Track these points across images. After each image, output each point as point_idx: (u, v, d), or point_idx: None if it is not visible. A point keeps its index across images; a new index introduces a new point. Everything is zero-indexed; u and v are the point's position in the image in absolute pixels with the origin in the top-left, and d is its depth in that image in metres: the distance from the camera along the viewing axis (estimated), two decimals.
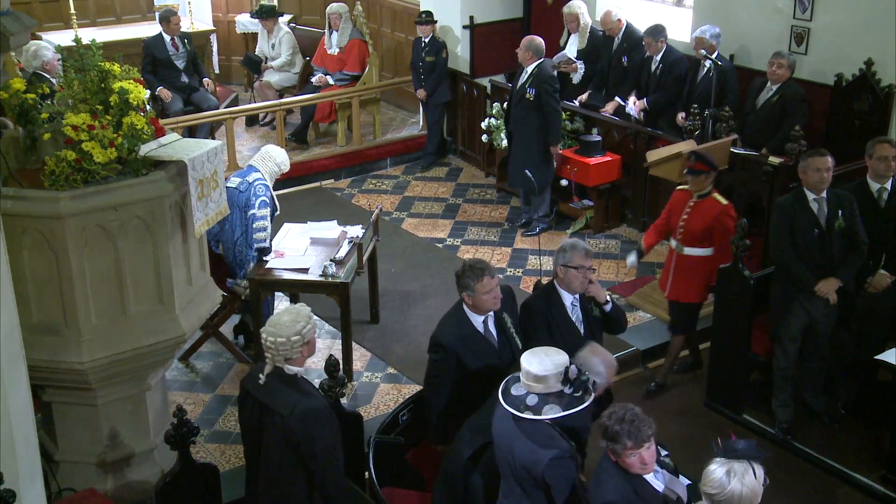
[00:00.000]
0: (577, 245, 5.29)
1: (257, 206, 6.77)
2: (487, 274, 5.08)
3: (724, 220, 6.58)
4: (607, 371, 4.60)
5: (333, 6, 11.28)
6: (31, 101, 5.12)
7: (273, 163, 6.95)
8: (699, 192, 6.64)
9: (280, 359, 4.38)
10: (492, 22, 10.88)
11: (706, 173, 6.61)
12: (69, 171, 4.70)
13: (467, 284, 5.09)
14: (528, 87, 8.60)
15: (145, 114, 5.01)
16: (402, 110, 12.35)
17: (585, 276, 5.27)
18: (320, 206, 9.74)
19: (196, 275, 5.37)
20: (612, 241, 9.05)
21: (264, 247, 6.86)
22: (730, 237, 6.40)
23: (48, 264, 4.81)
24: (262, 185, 6.80)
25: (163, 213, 4.94)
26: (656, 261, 8.57)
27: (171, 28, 10.57)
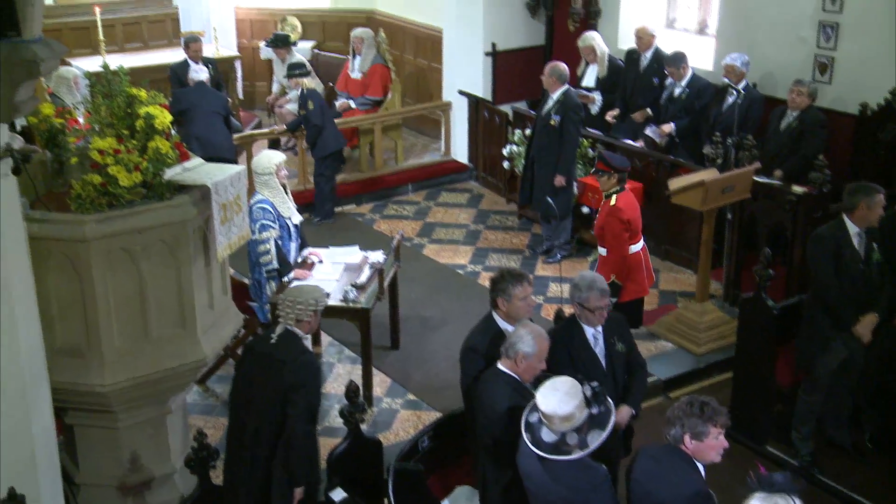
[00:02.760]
0: (595, 285, 5.21)
1: (257, 230, 6.78)
2: (527, 281, 5.10)
3: (609, 220, 6.76)
4: (537, 342, 4.71)
5: (357, 31, 11.37)
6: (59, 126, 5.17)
7: (257, 175, 6.89)
8: (605, 192, 6.85)
9: (291, 320, 5.02)
10: (514, 49, 10.92)
11: (608, 174, 6.78)
12: (95, 194, 4.73)
13: (505, 289, 5.07)
14: (554, 114, 8.60)
15: (170, 138, 5.04)
16: (424, 136, 12.39)
17: (602, 316, 5.25)
18: (342, 231, 9.75)
19: (218, 299, 5.37)
20: None
21: (273, 268, 6.86)
22: (614, 236, 6.63)
23: (72, 287, 4.83)
24: (258, 209, 6.81)
25: (186, 237, 4.95)
26: (679, 289, 8.51)
27: (192, 53, 10.66)
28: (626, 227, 6.80)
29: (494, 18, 10.76)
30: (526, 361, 4.74)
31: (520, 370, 4.77)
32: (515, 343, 4.75)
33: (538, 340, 4.75)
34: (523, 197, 9.26)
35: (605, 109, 9.62)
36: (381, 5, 13.07)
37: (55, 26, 11.90)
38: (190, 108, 9.53)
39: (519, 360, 4.74)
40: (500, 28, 10.82)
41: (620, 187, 6.87)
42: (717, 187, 7.23)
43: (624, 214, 6.77)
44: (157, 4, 13.19)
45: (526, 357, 4.73)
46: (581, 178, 9.04)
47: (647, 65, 9.43)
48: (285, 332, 5.06)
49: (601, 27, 10.32)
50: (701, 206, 7.26)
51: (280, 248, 6.88)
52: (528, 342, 4.72)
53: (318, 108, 9.73)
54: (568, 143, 8.63)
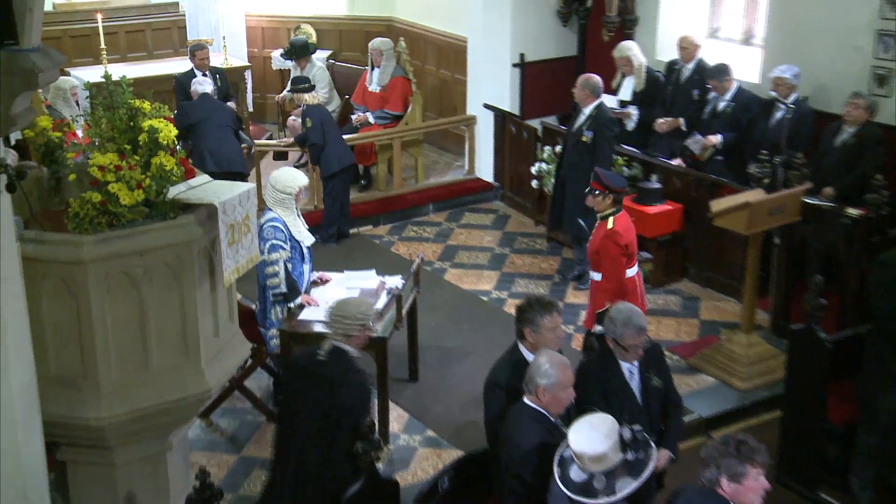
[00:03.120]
0: (631, 321, 5.20)
1: (266, 251, 6.81)
2: (556, 310, 5.11)
3: (606, 244, 6.77)
4: (557, 371, 4.69)
5: (375, 42, 11.42)
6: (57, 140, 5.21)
7: (275, 191, 6.94)
8: (600, 214, 6.90)
9: (340, 336, 5.25)
10: (544, 60, 10.94)
11: (602, 193, 6.81)
12: (94, 213, 4.75)
13: (532, 319, 5.07)
14: (586, 130, 8.60)
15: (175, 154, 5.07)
16: (447, 153, 12.42)
17: (637, 354, 5.23)
18: (357, 254, 9.76)
19: (224, 326, 5.37)
20: (672, 297, 8.95)
21: (280, 292, 6.88)
22: (610, 261, 6.69)
23: (68, 312, 4.84)
24: (269, 228, 6.84)
25: (191, 260, 4.96)
26: (721, 319, 8.46)
27: (199, 62, 10.75)
28: (623, 251, 6.81)
29: (523, 27, 10.79)
30: (549, 394, 4.73)
31: (545, 403, 4.76)
32: (534, 376, 4.75)
33: (558, 369, 4.74)
34: (553, 218, 9.25)
35: (641, 125, 9.60)
36: (401, 12, 13.15)
37: (54, 33, 12.07)
38: (199, 122, 9.61)
39: (541, 394, 4.74)
40: (529, 37, 10.84)
41: (617, 208, 6.89)
42: (763, 209, 7.19)
43: (621, 239, 6.79)
44: (163, 11, 13.33)
45: (547, 389, 4.72)
46: None
47: (688, 76, 9.41)
48: (335, 350, 5.24)
49: (638, 36, 10.32)
50: (746, 230, 7.22)
51: (289, 271, 6.90)
52: (548, 373, 4.71)
53: (318, 126, 9.78)
54: (601, 160, 8.61)
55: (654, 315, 8.44)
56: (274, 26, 13.74)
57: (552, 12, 10.88)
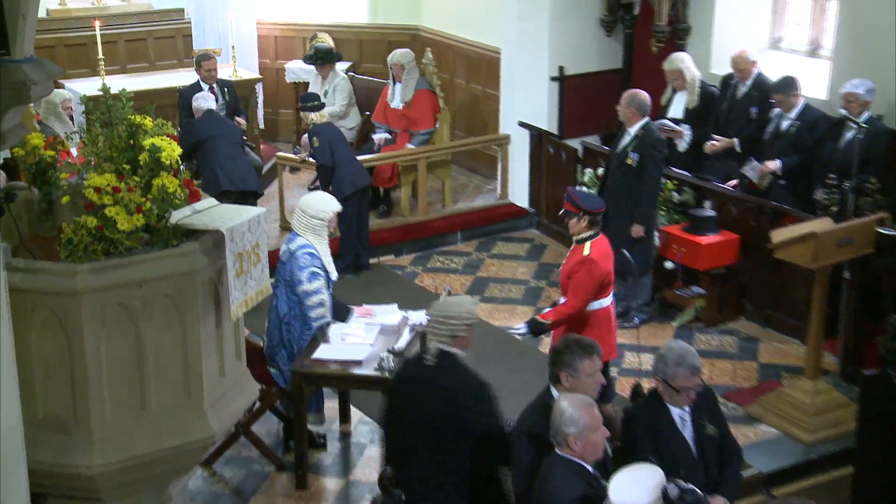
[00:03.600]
0: (684, 360, 5.19)
1: (305, 279, 6.84)
2: (597, 353, 5.10)
3: (579, 271, 6.78)
4: (583, 413, 4.67)
5: (396, 54, 11.44)
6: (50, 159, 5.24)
7: (306, 217, 6.99)
8: (575, 237, 6.96)
9: (446, 338, 5.42)
10: (585, 74, 10.95)
11: (577, 215, 6.86)
12: (89, 239, 4.77)
13: (570, 363, 5.06)
14: (631, 152, 8.58)
15: (178, 175, 5.09)
16: (477, 175, 12.43)
17: (689, 397, 5.19)
18: (378, 286, 9.76)
19: (230, 365, 5.37)
20: (728, 337, 8.89)
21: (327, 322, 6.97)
22: (578, 290, 6.72)
23: (59, 348, 4.86)
24: (306, 255, 6.87)
25: (194, 292, 4.97)
26: (783, 363, 8.39)
27: (205, 73, 10.84)
28: (597, 282, 6.82)
29: (562, 37, 10.82)
30: (581, 441, 4.73)
31: (579, 452, 4.75)
32: (560, 426, 4.76)
33: (583, 411, 4.73)
34: None
35: (693, 146, 9.56)
36: (427, 20, 13.22)
37: (47, 42, 12.19)
38: (208, 139, 9.70)
39: (573, 443, 4.74)
40: (569, 48, 10.86)
41: (594, 232, 6.93)
42: (831, 240, 7.15)
43: (598, 269, 6.81)
44: (166, 18, 13.45)
45: (578, 437, 4.73)
46: (664, 227, 8.98)
47: (745, 92, 9.39)
48: (442, 354, 5.44)
49: (691, 47, 10.31)
50: (811, 263, 7.17)
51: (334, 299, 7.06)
52: (573, 418, 4.71)
53: (325, 146, 9.83)
54: (648, 185, 8.59)
55: (708, 357, 8.38)
56: (288, 35, 13.85)
57: (595, 21, 10.89)
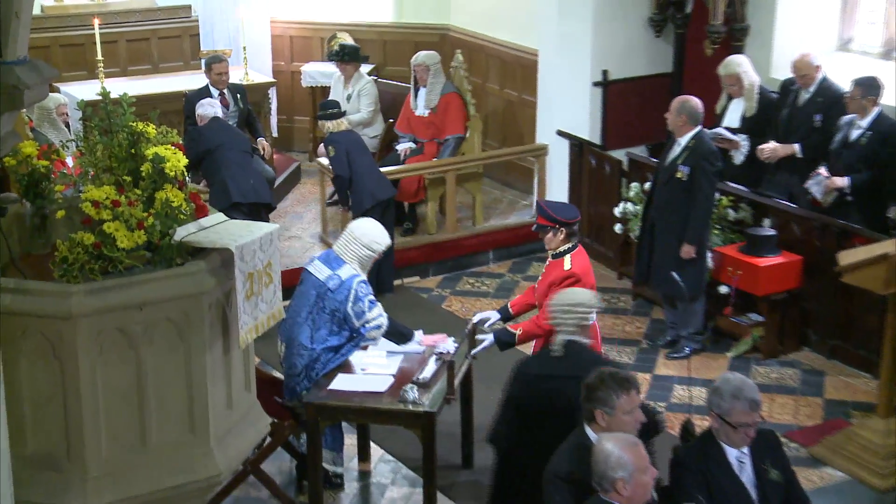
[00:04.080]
0: (742, 393, 5.16)
1: (367, 308, 6.98)
2: (635, 388, 5.09)
3: (557, 290, 6.70)
4: (629, 454, 4.65)
5: (420, 56, 11.43)
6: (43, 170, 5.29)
7: (358, 245, 7.03)
8: (552, 251, 7.07)
9: (572, 327, 5.86)
10: (631, 78, 10.93)
11: (552, 228, 6.95)
12: (85, 258, 4.81)
13: (606, 399, 5.05)
14: (681, 165, 8.56)
15: (184, 188, 5.12)
16: (511, 189, 12.42)
17: (748, 435, 5.16)
18: (401, 310, 9.73)
19: (238, 396, 5.39)
20: (789, 370, 8.83)
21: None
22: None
23: (51, 377, 4.89)
24: (363, 285, 6.96)
25: (200, 316, 5.00)
26: (851, 399, 8.32)
27: (215, 78, 10.89)
28: None
29: (607, 38, 10.82)
30: (630, 485, 4.70)
31: (627, 497, 4.73)
32: (606, 471, 4.73)
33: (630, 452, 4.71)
34: (640, 271, 9.19)
35: (751, 158, 9.52)
36: (458, 20, 13.24)
37: (41, 42, 12.26)
38: (216, 148, 9.73)
39: (621, 489, 4.71)
40: (613, 50, 10.86)
41: (573, 244, 7.00)
42: None
43: (579, 283, 6.81)
44: (172, 16, 13.46)
45: (628, 481, 4.69)
46: (718, 248, 8.94)
47: (808, 98, 9.34)
48: (570, 344, 5.84)
49: (749, 50, 10.28)
50: (884, 289, 7.11)
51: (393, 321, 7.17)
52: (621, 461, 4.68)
53: (342, 155, 9.86)
54: (700, 201, 8.56)
55: (767, 392, 8.32)
56: (304, 35, 13.90)
57: (642, 20, 10.89)
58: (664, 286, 8.85)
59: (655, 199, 8.90)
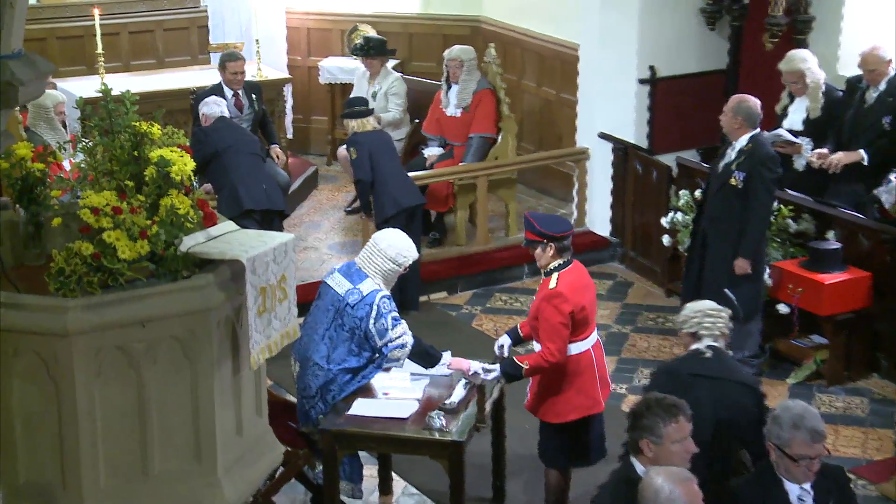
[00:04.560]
0: (803, 421, 5.14)
1: (390, 326, 6.95)
2: (684, 414, 5.08)
3: (545, 308, 6.85)
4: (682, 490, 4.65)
5: (454, 50, 11.43)
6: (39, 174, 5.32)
7: (383, 258, 7.03)
8: (543, 269, 7.05)
9: (717, 336, 6.14)
10: (682, 75, 10.92)
11: (541, 244, 6.95)
12: (83, 270, 4.84)
13: (653, 427, 5.03)
14: (736, 170, 8.54)
15: (191, 194, 5.15)
16: (548, 197, 12.43)
17: (810, 470, 5.13)
18: (427, 329, 9.73)
19: (249, 422, 5.41)
20: (857, 398, 8.79)
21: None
22: (550, 333, 6.78)
23: (45, 400, 4.92)
24: (386, 300, 6.96)
25: (208, 334, 5.02)
26: None
27: (229, 77, 10.90)
28: (566, 320, 6.84)
29: (655, 31, 10.81)
30: None
31: None
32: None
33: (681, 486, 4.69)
34: (689, 287, 9.15)
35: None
36: (490, 11, 13.28)
37: (37, 34, 12.32)
38: (225, 150, 9.77)
39: None
40: (661, 45, 10.85)
41: (565, 260, 6.98)
42: None
43: (565, 304, 6.82)
44: (178, 6, 13.52)
45: None
46: (776, 263, 8.92)
47: (876, 97, 9.30)
48: (719, 350, 6.12)
49: (813, 44, 10.24)
50: None
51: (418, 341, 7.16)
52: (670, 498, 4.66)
53: (364, 158, 9.88)
54: (757, 210, 8.53)
55: (832, 423, 8.28)
56: (323, 27, 13.94)
57: (694, 11, 10.87)
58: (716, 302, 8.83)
59: (707, 208, 8.87)
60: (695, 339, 6.19)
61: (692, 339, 6.20)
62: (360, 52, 12.04)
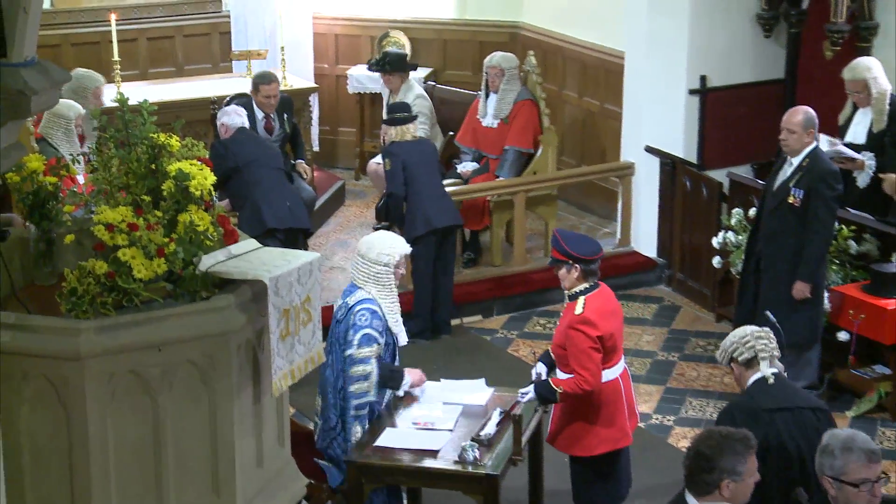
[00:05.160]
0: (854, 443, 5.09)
1: (356, 343, 6.87)
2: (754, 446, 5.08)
3: (571, 334, 6.90)
4: None
5: (495, 57, 11.43)
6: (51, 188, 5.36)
7: (366, 262, 6.97)
8: (568, 291, 7.11)
9: (773, 358, 6.21)
10: (735, 86, 10.90)
11: (566, 264, 6.97)
12: (97, 290, 4.86)
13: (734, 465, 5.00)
14: (794, 187, 8.52)
15: (211, 209, 5.17)
16: (590, 215, 12.42)
17: (874, 496, 5.09)
18: (460, 355, 9.78)
19: (270, 452, 5.42)
20: None
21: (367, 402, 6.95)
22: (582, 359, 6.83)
23: (55, 427, 4.94)
24: (364, 311, 6.89)
25: (227, 358, 5.03)
26: None
27: (262, 101, 10.84)
28: (596, 344, 6.87)
29: (706, 38, 10.80)
30: None
31: None
32: None
33: None
34: (743, 312, 9.13)
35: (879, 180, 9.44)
36: (530, 16, 13.28)
37: (51, 40, 12.44)
38: (247, 164, 9.79)
39: None
40: (713, 53, 10.83)
41: (591, 284, 7.01)
42: None
43: (593, 329, 6.85)
44: (199, 11, 13.60)
45: None
46: (836, 287, 8.88)
47: None
48: (780, 375, 6.22)
49: (878, 52, 10.19)
50: None
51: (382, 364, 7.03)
52: None
53: (397, 169, 9.89)
54: (816, 230, 8.50)
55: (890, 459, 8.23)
56: (352, 34, 13.96)
57: (749, 17, 10.85)
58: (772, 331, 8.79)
59: (762, 228, 8.85)
60: (750, 367, 6.19)
61: (747, 367, 6.20)
62: (376, 68, 11.98)
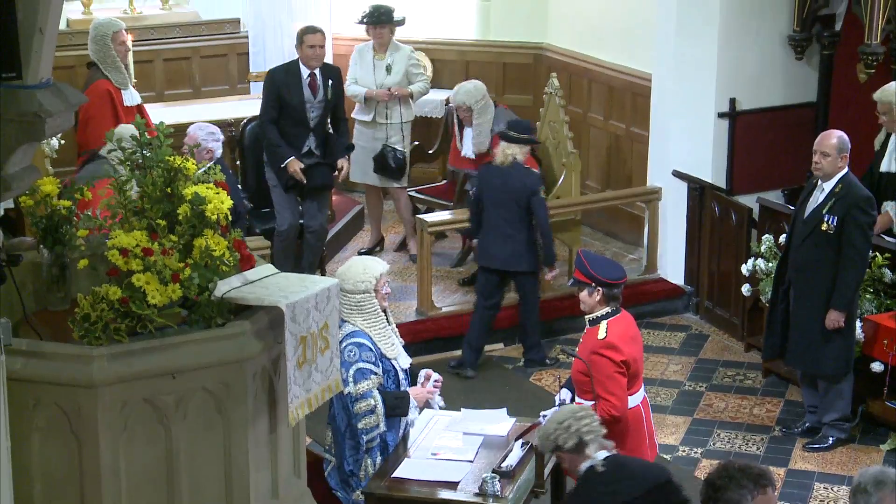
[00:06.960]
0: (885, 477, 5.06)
1: (351, 379, 6.88)
2: (771, 484, 5.03)
3: (595, 359, 6.96)
4: None
5: (459, 94, 11.17)
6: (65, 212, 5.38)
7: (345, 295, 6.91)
8: (588, 316, 7.19)
9: (600, 437, 5.91)
10: (765, 109, 10.90)
11: (588, 287, 7.05)
12: (110, 315, 4.87)
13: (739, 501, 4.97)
14: (827, 214, 8.50)
15: (227, 234, 5.19)
16: (615, 240, 12.41)
17: None
18: (481, 384, 9.77)
19: (286, 483, 5.42)
20: None
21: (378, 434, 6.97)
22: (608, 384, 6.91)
23: (67, 456, 4.94)
24: (351, 346, 6.90)
25: (243, 386, 5.03)
26: None
27: (307, 53, 10.58)
28: (621, 368, 6.91)
29: (736, 60, 10.80)
30: None
31: None
32: None
33: None
34: (772, 342, 9.11)
35: None
36: (555, 37, 13.29)
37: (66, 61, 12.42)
38: None
39: None
40: (743, 75, 10.84)
41: (612, 309, 7.06)
42: None
43: (617, 354, 6.90)
44: (217, 31, 13.64)
45: None
46: (870, 317, 8.86)
47: None
48: (614, 456, 5.90)
49: None
50: None
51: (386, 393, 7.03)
52: None
53: (474, 199, 10.06)
54: (851, 258, 8.48)
55: None
56: None
57: (780, 39, 10.85)
58: (804, 362, 8.76)
59: (793, 255, 8.83)
60: (580, 452, 5.96)
61: (576, 452, 5.96)
62: (370, 19, 11.77)
